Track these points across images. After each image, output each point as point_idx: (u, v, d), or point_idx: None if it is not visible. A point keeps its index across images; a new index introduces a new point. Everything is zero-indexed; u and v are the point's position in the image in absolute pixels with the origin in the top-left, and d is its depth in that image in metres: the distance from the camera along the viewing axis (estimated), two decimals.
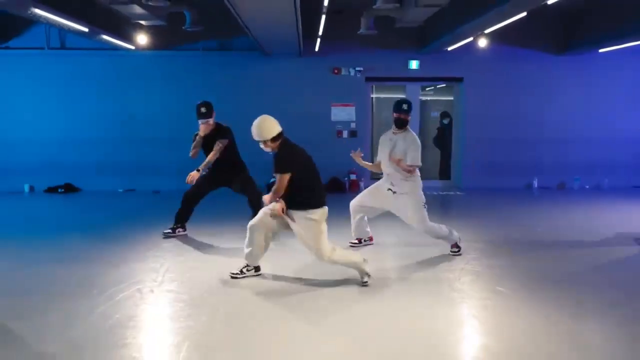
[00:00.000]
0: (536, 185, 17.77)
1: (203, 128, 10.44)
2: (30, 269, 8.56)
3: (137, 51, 16.21)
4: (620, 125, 17.79)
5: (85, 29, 12.72)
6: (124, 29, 14.74)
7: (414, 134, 9.27)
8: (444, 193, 16.89)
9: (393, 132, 9.29)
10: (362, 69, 17.32)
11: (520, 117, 17.60)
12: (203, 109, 10.34)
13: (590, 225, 12.21)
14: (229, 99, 15.94)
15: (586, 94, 17.69)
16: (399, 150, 9.08)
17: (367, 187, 10.01)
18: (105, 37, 14.05)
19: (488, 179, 17.41)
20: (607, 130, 17.77)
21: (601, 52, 16.64)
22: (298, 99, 16.78)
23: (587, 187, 17.84)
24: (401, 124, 9.19)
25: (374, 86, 18.64)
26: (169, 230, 10.71)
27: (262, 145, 7.49)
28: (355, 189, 16.58)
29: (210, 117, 10.41)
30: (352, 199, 9.75)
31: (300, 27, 12.76)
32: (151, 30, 15.40)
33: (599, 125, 17.76)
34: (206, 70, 16.90)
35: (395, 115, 9.19)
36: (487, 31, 13.91)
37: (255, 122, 7.42)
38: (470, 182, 17.64)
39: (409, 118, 9.26)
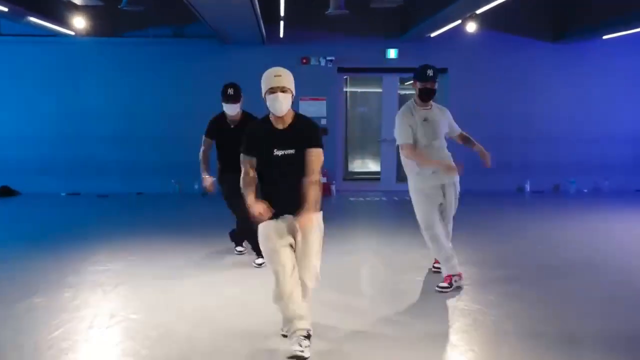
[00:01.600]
0: (528, 189, 16.41)
1: (231, 116, 8.51)
2: None
3: (79, 37, 14.62)
4: (622, 122, 16.53)
5: (4, 8, 11.02)
6: (55, 10, 13.05)
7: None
8: None
9: (423, 109, 7.69)
10: (333, 58, 15.92)
11: (511, 112, 16.32)
12: (231, 90, 8.37)
13: (597, 241, 10.60)
14: (183, 92, 14.86)
15: (584, 87, 16.38)
16: (443, 126, 7.84)
17: (338, 191, 8.26)
18: (33, 19, 12.39)
19: (475, 181, 15.81)
20: (607, 127, 16.50)
21: (604, 39, 15.38)
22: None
23: (585, 190, 16.53)
24: (429, 96, 7.65)
25: (348, 79, 17.20)
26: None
27: (280, 98, 5.40)
28: (325, 193, 14.87)
29: (239, 101, 8.47)
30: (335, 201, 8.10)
31: (257, 8, 11.29)
32: (89, 11, 13.68)
33: (598, 121, 16.49)
34: (157, 60, 15.44)
35: (420, 85, 7.56)
36: (478, 12, 12.42)
37: (277, 68, 5.58)
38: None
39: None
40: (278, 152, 5.49)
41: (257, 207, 5.31)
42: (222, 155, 8.64)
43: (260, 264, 8.32)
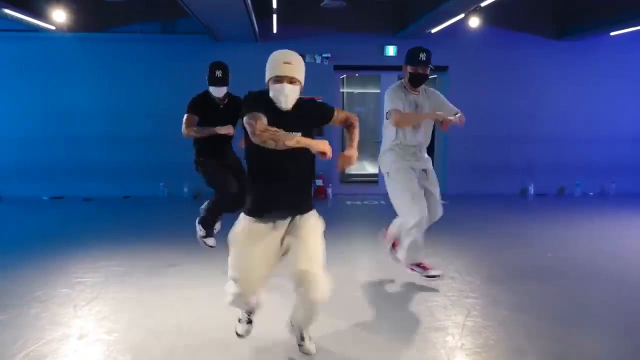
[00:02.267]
0: (532, 192, 15.84)
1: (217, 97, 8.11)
2: None
3: (60, 33, 14.08)
4: (628, 122, 16.12)
5: None
6: (34, 2, 12.51)
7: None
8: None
9: (412, 93, 7.29)
10: (329, 55, 15.34)
11: (514, 111, 15.86)
12: (219, 73, 7.98)
13: (612, 249, 10.00)
14: (173, 91, 14.03)
15: (589, 85, 15.93)
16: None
17: (335, 193, 7.75)
18: (9, 11, 11.77)
19: (476, 184, 15.80)
20: (613, 127, 16.06)
21: (611, 36, 14.99)
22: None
23: (591, 193, 16.11)
24: (420, 82, 7.31)
25: (344, 79, 16.70)
26: None
27: (287, 90, 4.72)
28: (321, 197, 14.67)
29: (228, 83, 8.09)
30: (320, 205, 7.58)
31: (249, 3, 10.93)
32: (70, 4, 13.16)
33: (604, 121, 16.05)
34: (145, 57, 14.89)
35: (411, 69, 7.17)
36: (483, 4, 11.95)
37: (287, 53, 4.87)
38: (456, 187, 15.66)
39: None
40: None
41: (324, 144, 4.50)
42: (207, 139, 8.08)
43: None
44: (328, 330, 5.84)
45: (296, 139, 4.48)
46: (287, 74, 4.65)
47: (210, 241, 8.37)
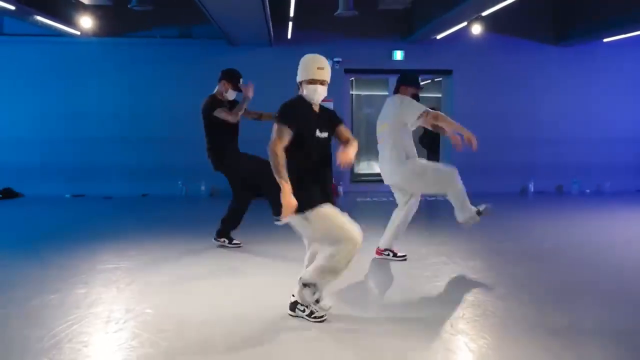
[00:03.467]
0: (532, 190, 16.37)
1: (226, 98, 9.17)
2: None
3: (85, 38, 14.57)
4: (623, 123, 16.68)
5: (12, 7, 10.84)
6: (63, 9, 13.01)
7: None
8: (431, 198, 15.22)
9: None
10: (340, 59, 15.80)
11: (514, 113, 16.39)
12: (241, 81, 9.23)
13: (605, 238, 10.68)
14: (190, 94, 14.12)
15: (587, 89, 16.52)
16: None
17: (346, 191, 8.42)
18: (40, 18, 12.27)
19: (479, 182, 15.80)
20: (609, 128, 16.65)
21: (605, 42, 15.50)
22: (270, 94, 14.46)
23: (588, 191, 16.61)
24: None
25: (353, 82, 17.03)
26: None
27: (319, 90, 5.76)
28: (332, 194, 14.90)
29: None
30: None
31: (267, 9, 11.34)
32: (97, 11, 13.69)
33: (600, 122, 16.64)
34: (164, 61, 15.32)
35: (416, 91, 8.29)
36: (484, 14, 12.36)
37: (319, 58, 5.84)
38: None
39: None
40: (320, 134, 5.61)
41: (293, 204, 5.34)
42: (232, 135, 9.14)
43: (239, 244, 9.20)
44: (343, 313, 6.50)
45: (284, 183, 5.32)
46: (321, 78, 5.62)
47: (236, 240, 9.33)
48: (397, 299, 7.03)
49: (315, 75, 5.63)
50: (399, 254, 8.53)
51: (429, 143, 17.25)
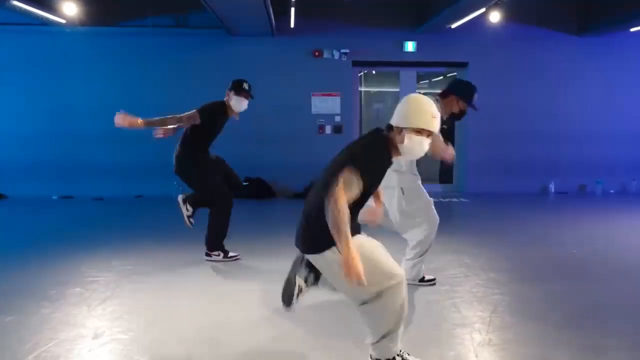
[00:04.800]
0: (553, 190, 15.78)
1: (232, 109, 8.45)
2: None
3: (71, 27, 13.93)
4: None
5: None
6: None
7: None
8: (446, 200, 14.69)
9: None
10: (348, 51, 15.16)
11: (534, 108, 15.78)
12: (247, 85, 8.38)
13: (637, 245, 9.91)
14: (186, 88, 13.96)
15: (611, 82, 15.88)
16: None
17: None
18: (18, 3, 11.60)
19: (497, 182, 15.68)
20: (634, 123, 15.99)
21: (632, 32, 14.86)
22: (272, 88, 14.50)
23: (612, 191, 15.99)
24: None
25: (362, 78, 16.46)
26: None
27: (422, 148, 4.49)
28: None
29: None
30: None
31: None
32: None
33: (625, 117, 16.00)
34: (158, 52, 14.73)
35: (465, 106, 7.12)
36: None
37: (432, 104, 4.48)
38: (476, 186, 15.73)
39: None
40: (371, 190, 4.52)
41: (358, 268, 3.99)
42: (207, 140, 8.57)
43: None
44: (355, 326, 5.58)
45: (347, 247, 4.03)
46: (433, 129, 4.40)
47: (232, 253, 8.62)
48: (413, 319, 6.09)
49: (429, 124, 4.39)
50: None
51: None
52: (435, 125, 4.35)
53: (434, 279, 7.29)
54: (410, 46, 15.29)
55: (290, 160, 14.44)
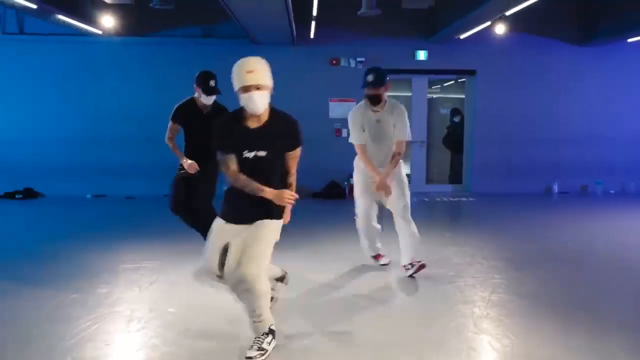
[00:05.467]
0: (556, 190, 16.26)
1: (203, 103, 8.43)
2: None
3: (106, 37, 14.47)
4: None
5: (33, 5, 10.76)
6: (84, 9, 12.98)
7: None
8: (455, 199, 15.20)
9: (372, 110, 7.66)
10: (363, 59, 15.62)
11: (538, 113, 16.18)
12: (213, 82, 8.39)
13: (629, 240, 10.53)
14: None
15: (610, 89, 16.30)
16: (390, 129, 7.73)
17: None
18: (62, 17, 12.20)
19: (503, 182, 16.06)
20: (633, 128, 16.43)
21: (629, 42, 15.32)
22: (292, 94, 14.53)
23: (612, 191, 16.44)
24: (374, 102, 7.62)
25: None
26: None
27: (253, 103, 4.95)
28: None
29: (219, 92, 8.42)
30: (350, 205, 8.16)
31: (290, 9, 11.22)
32: (119, 11, 13.48)
33: (624, 122, 16.40)
34: (186, 60, 14.97)
35: (366, 91, 7.64)
36: (508, 13, 12.24)
37: (248, 61, 5.01)
38: (483, 186, 16.16)
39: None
40: (248, 154, 5.05)
41: (283, 194, 5.00)
42: (190, 142, 8.55)
43: None
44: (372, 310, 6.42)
45: (264, 192, 4.98)
46: (253, 82, 4.86)
47: None
48: (420, 298, 7.02)
49: (246, 80, 4.89)
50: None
51: (453, 143, 17.19)
52: (252, 78, 4.85)
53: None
54: (421, 55, 15.71)
55: (309, 161, 14.81)
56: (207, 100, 8.36)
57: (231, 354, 5.21)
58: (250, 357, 4.98)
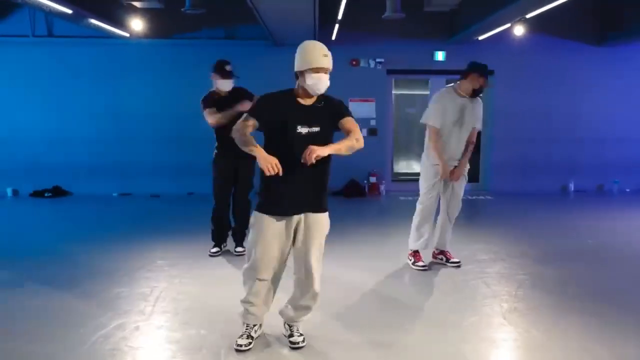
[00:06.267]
0: (572, 189, 16.45)
1: (220, 89, 8.78)
2: None
3: (133, 39, 14.73)
4: None
5: (69, 11, 11.10)
6: (115, 13, 13.27)
7: None
8: (472, 197, 15.36)
9: (461, 97, 8.16)
10: (383, 60, 15.89)
11: (555, 113, 16.32)
12: (229, 67, 8.87)
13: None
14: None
15: (628, 89, 16.40)
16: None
17: (387, 190, 8.47)
18: (94, 21, 12.51)
19: (520, 181, 16.20)
20: None
21: None
22: None
23: (628, 190, 16.57)
24: (478, 93, 8.34)
25: (393, 81, 17.00)
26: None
27: (323, 81, 5.10)
28: (374, 193, 15.30)
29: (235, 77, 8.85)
30: (370, 204, 8.39)
31: (317, 12, 11.47)
32: (147, 14, 13.82)
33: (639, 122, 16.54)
34: (209, 61, 14.70)
35: (482, 81, 8.22)
36: (528, 16, 12.45)
37: (321, 45, 5.16)
38: (501, 185, 16.32)
39: None
40: (302, 130, 5.09)
41: (270, 159, 4.89)
42: (219, 132, 8.71)
43: (241, 252, 8.76)
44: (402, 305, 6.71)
45: (257, 149, 4.99)
46: (326, 66, 5.05)
47: (214, 249, 9.08)
48: (450, 293, 7.30)
49: (321, 62, 5.05)
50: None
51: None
52: (326, 62, 5.05)
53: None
54: (440, 55, 15.90)
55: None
56: (224, 85, 8.71)
57: (277, 342, 5.54)
58: (297, 343, 5.35)
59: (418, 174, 8.43)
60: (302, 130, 5.08)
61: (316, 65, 5.01)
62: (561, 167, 16.49)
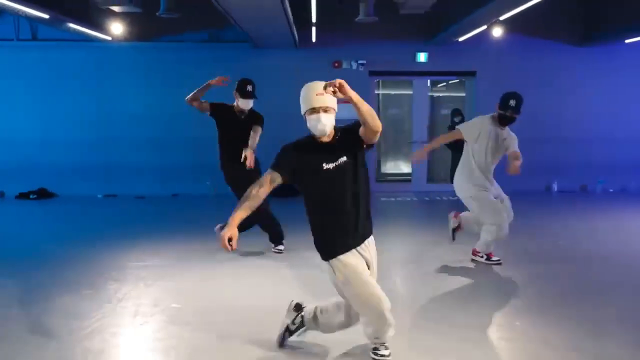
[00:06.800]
0: (556, 189, 16.54)
1: (241, 108, 9.03)
2: None
3: (116, 42, 14.91)
4: None
5: (46, 15, 11.21)
6: (95, 17, 13.39)
7: None
8: (455, 198, 15.27)
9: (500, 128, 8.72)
10: (365, 62, 16.04)
11: (539, 114, 16.26)
12: (250, 87, 9.03)
13: (624, 238, 10.96)
14: (218, 95, 14.24)
15: (610, 88, 16.51)
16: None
17: (371, 192, 8.64)
18: (73, 25, 12.69)
19: (503, 181, 16.08)
20: (633, 128, 16.64)
21: (627, 43, 15.41)
22: (295, 96, 14.85)
23: (611, 190, 16.61)
24: (505, 123, 8.78)
25: (380, 81, 17.28)
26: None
27: (321, 124, 5.01)
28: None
29: (255, 97, 9.07)
30: None
31: (289, 13, 11.48)
32: (128, 18, 13.91)
33: (624, 122, 16.63)
34: (193, 64, 15.35)
35: (500, 111, 8.60)
36: (502, 18, 12.63)
37: (317, 85, 5.06)
38: None
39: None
40: (329, 166, 5.00)
41: (228, 233, 4.84)
42: (226, 143, 9.11)
43: (281, 250, 9.11)
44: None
45: (233, 220, 4.88)
46: (322, 105, 4.99)
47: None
48: (472, 292, 7.49)
49: (315, 102, 5.04)
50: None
51: (453, 143, 17.39)
52: (320, 101, 4.98)
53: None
54: (422, 57, 16.02)
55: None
56: (244, 104, 8.97)
57: (229, 348, 5.63)
58: (385, 356, 5.23)
59: (405, 174, 8.67)
60: (329, 166, 5.02)
61: (311, 106, 5.03)
62: (545, 168, 16.51)
